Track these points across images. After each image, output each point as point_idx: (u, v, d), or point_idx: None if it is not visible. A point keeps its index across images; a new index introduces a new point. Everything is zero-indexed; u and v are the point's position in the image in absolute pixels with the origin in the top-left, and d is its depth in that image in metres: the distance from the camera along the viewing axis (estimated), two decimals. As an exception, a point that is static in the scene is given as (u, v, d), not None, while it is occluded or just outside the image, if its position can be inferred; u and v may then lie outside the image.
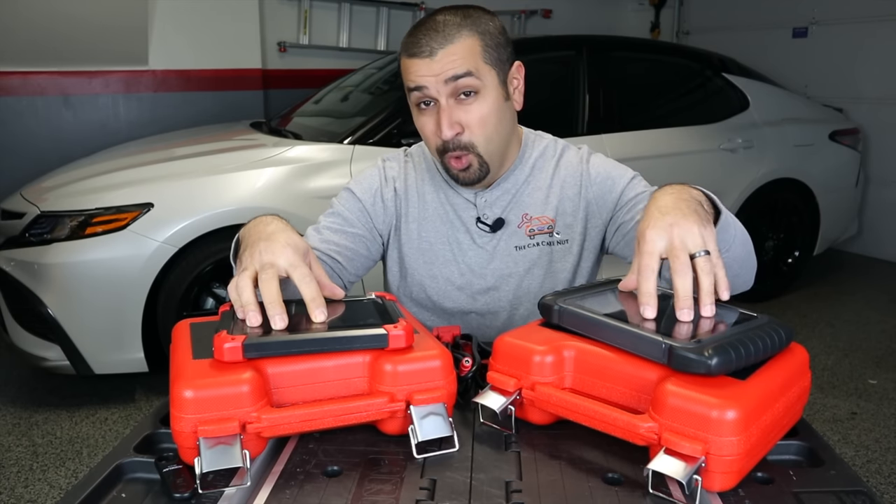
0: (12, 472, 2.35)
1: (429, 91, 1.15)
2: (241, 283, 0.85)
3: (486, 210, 1.27)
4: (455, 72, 1.13)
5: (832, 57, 4.90)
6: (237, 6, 4.47)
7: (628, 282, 0.90)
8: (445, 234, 1.29)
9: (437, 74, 1.13)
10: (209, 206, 2.64)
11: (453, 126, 1.15)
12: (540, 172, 1.28)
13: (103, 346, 2.62)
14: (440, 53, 1.12)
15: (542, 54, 3.51)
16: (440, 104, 1.15)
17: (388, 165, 1.35)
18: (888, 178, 4.72)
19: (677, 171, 3.49)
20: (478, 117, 1.16)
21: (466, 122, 1.15)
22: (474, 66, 1.14)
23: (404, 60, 1.17)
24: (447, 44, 1.13)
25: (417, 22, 1.19)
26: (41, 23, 3.88)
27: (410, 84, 1.17)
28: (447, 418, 0.81)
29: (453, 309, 1.30)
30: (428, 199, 1.30)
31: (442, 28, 1.13)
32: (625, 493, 0.74)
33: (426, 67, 1.13)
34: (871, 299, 4.08)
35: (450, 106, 1.15)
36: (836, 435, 2.62)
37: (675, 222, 0.84)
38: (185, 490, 0.73)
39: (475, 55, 1.14)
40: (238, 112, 4.31)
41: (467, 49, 1.13)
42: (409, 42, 1.16)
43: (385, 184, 1.32)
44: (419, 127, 1.21)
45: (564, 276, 1.28)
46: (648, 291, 0.82)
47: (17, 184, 3.10)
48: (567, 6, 5.74)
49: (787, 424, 0.83)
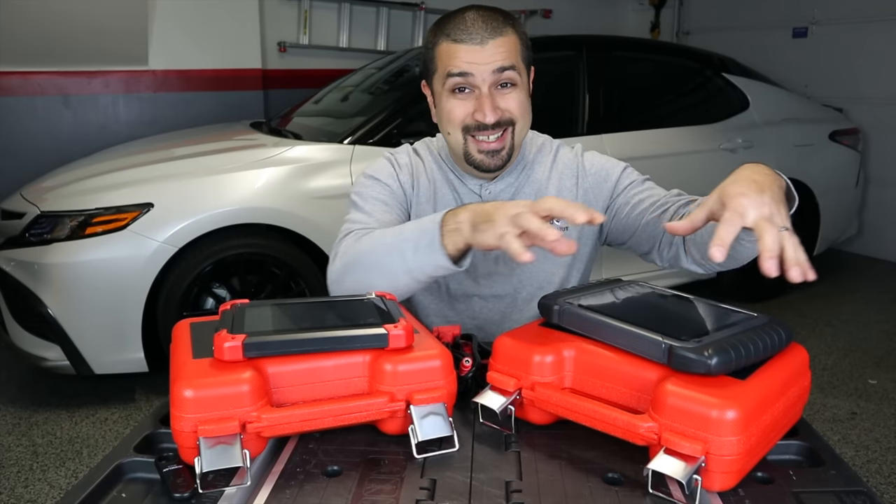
0: (12, 472, 2.35)
1: (473, 78, 1.19)
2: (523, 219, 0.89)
3: (491, 200, 1.31)
4: (503, 63, 1.18)
5: (832, 57, 4.90)
6: (237, 6, 4.47)
7: (678, 226, 0.90)
8: None
9: (486, 63, 1.17)
10: (209, 206, 2.64)
11: (496, 111, 1.20)
12: (539, 166, 1.34)
13: (103, 346, 2.61)
14: (491, 43, 1.17)
15: (542, 54, 3.48)
16: (482, 91, 1.19)
17: (397, 156, 1.38)
18: (888, 178, 4.72)
19: (677, 171, 3.49)
20: (517, 103, 1.22)
21: (506, 106, 1.21)
22: (516, 61, 1.20)
23: (448, 45, 1.19)
24: (497, 36, 1.18)
25: (452, 13, 1.22)
26: (41, 23, 3.88)
27: (454, 69, 1.19)
28: (447, 418, 0.81)
29: (458, 292, 1.33)
30: (438, 186, 1.34)
31: (490, 20, 1.19)
32: (625, 493, 0.74)
33: (476, 55, 1.17)
34: (871, 299, 4.08)
35: (491, 94, 1.20)
36: (836, 435, 2.62)
37: (769, 202, 0.84)
38: (185, 490, 0.73)
39: (517, 52, 1.21)
40: (238, 112, 4.31)
41: (513, 44, 1.20)
42: (455, 29, 1.19)
43: (399, 169, 1.35)
44: (448, 109, 1.23)
45: (564, 260, 1.33)
46: (726, 239, 0.80)
47: (17, 184, 3.10)
48: (567, 6, 5.74)
49: (787, 424, 0.83)
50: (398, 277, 1.08)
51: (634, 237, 1.27)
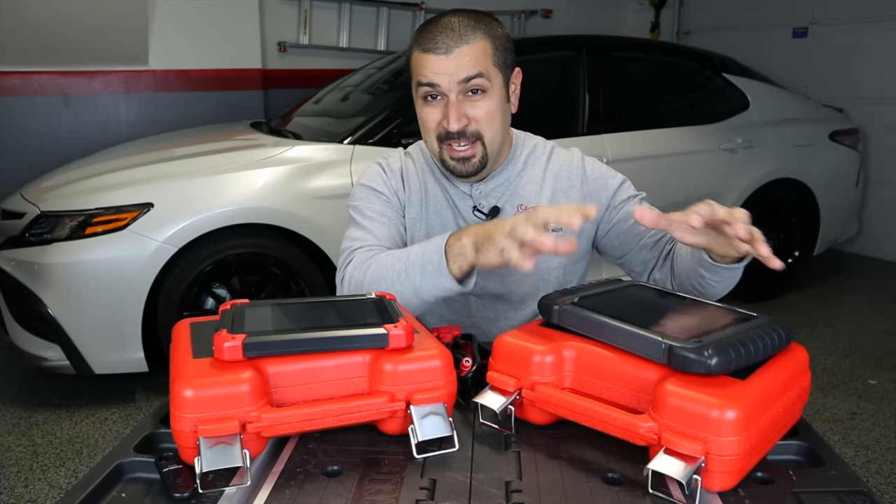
0: (12, 472, 2.35)
1: (440, 87, 1.21)
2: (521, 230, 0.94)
3: (482, 200, 1.33)
4: (468, 72, 1.19)
5: (832, 57, 4.90)
6: (237, 6, 4.46)
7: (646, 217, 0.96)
8: (445, 220, 1.35)
9: (451, 73, 1.19)
10: (209, 206, 2.64)
11: (461, 119, 1.21)
12: (532, 167, 1.35)
13: (103, 346, 2.61)
14: (455, 52, 1.18)
15: (542, 54, 3.51)
16: (449, 99, 1.21)
17: (389, 161, 1.41)
18: (888, 178, 4.72)
19: (677, 171, 3.49)
20: (485, 112, 1.22)
21: (474, 115, 1.22)
22: (485, 67, 1.20)
23: (418, 55, 1.22)
24: (462, 44, 1.19)
25: (430, 20, 1.24)
26: (41, 23, 3.87)
27: (422, 79, 1.22)
28: (447, 418, 0.81)
29: None
30: (429, 188, 1.36)
31: (458, 28, 1.19)
32: (625, 493, 0.74)
33: (441, 64, 1.19)
34: (871, 299, 4.08)
35: (459, 101, 1.21)
36: (836, 435, 2.62)
37: None
38: (185, 490, 0.73)
39: (486, 57, 1.21)
40: (238, 112, 4.31)
41: (480, 51, 1.20)
42: (424, 38, 1.21)
43: (391, 174, 1.38)
44: (422, 117, 1.27)
45: (559, 260, 1.34)
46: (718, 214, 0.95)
47: (17, 184, 3.10)
48: (567, 6, 5.74)
49: (787, 424, 0.83)
50: (408, 301, 1.11)
51: (628, 257, 1.33)
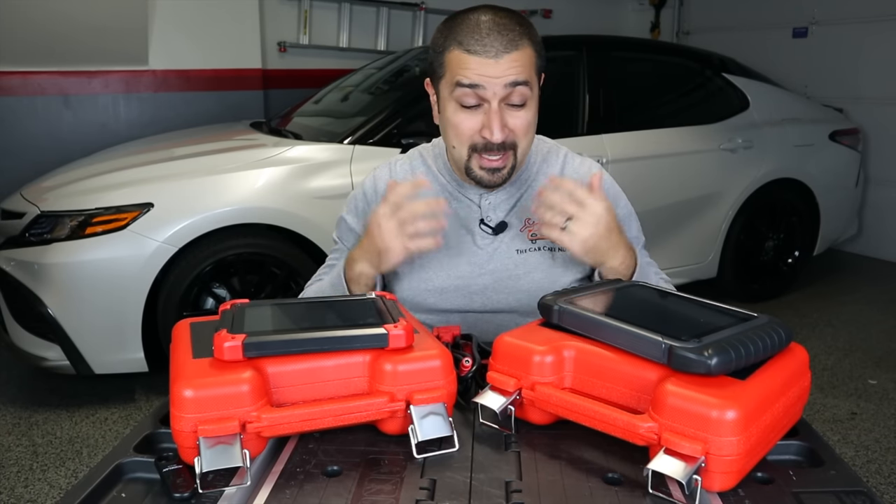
0: (12, 472, 2.35)
1: (484, 91, 1.13)
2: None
3: (490, 213, 1.28)
4: (517, 78, 1.12)
5: (832, 57, 4.90)
6: (237, 6, 4.47)
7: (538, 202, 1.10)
8: (446, 233, 1.28)
9: (499, 77, 1.11)
10: (209, 206, 2.64)
11: (504, 130, 1.15)
12: (544, 176, 1.29)
13: (103, 346, 2.61)
14: (506, 57, 1.11)
15: (542, 54, 3.50)
16: (491, 106, 1.14)
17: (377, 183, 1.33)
18: (888, 178, 4.72)
19: (677, 171, 3.49)
20: (525, 123, 1.17)
21: (514, 126, 1.16)
22: (530, 75, 1.14)
23: (459, 54, 1.13)
24: (513, 49, 1.12)
25: (466, 16, 1.15)
26: (41, 23, 3.88)
27: (464, 80, 1.13)
28: (447, 418, 0.81)
29: (450, 308, 1.30)
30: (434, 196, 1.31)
31: (507, 32, 1.12)
32: (625, 493, 0.74)
33: (489, 68, 1.11)
34: (871, 299, 4.08)
35: (501, 109, 1.14)
36: (836, 435, 2.62)
37: None
38: (185, 490, 0.73)
39: (532, 65, 1.15)
40: (238, 112, 4.31)
41: (528, 58, 1.14)
42: (469, 38, 1.12)
43: (374, 197, 1.32)
44: (455, 123, 1.17)
45: (566, 280, 1.28)
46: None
47: (17, 184, 3.10)
48: (567, 6, 5.74)
49: (787, 424, 0.83)
50: None
51: None
